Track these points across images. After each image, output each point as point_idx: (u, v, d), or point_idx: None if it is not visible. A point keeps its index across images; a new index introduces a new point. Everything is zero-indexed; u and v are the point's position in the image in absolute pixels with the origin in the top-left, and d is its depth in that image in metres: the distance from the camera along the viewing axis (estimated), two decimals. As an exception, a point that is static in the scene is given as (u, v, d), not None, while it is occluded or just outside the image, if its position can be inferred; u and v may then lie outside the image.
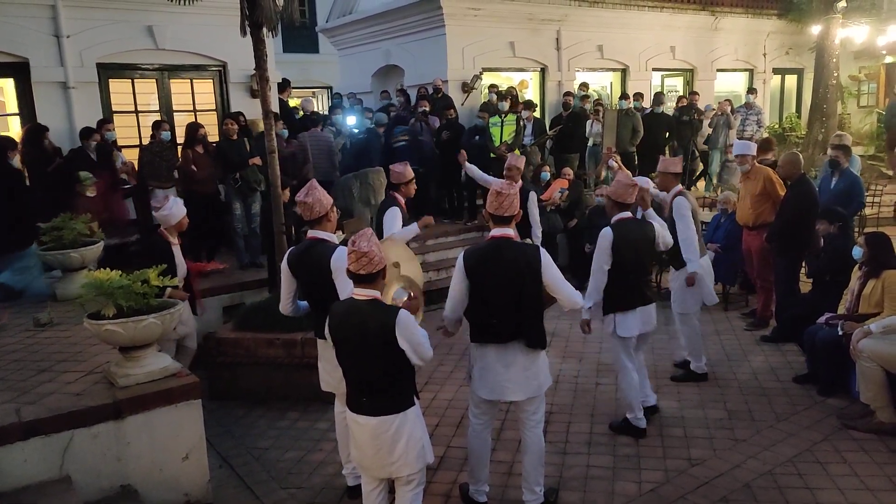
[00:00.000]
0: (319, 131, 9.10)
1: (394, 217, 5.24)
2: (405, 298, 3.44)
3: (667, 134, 11.34)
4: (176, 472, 3.83)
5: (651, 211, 4.85)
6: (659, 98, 11.43)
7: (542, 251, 3.56)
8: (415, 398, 3.15)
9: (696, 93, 12.30)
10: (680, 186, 5.47)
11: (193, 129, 7.46)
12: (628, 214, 4.50)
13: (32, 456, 3.43)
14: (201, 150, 7.36)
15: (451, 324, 3.74)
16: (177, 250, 5.02)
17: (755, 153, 6.78)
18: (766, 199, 6.49)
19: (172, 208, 4.97)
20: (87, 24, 8.07)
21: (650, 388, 5.00)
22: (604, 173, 9.50)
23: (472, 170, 7.00)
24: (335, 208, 4.01)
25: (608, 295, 4.54)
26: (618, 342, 4.62)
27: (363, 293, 3.03)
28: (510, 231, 3.58)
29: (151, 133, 7.88)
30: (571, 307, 3.65)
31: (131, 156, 8.03)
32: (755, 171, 6.61)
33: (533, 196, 6.67)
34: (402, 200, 5.41)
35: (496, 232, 3.57)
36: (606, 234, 4.43)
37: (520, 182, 6.47)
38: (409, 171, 5.45)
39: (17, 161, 6.52)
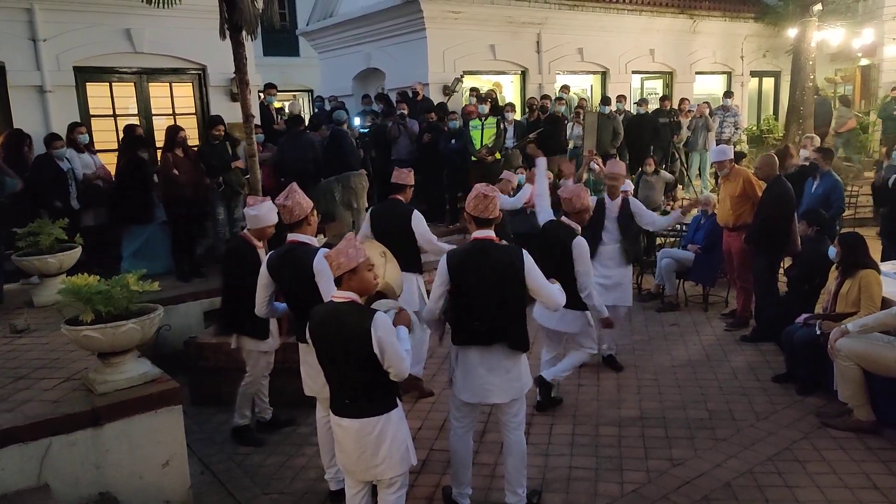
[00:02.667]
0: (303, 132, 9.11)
1: (422, 220, 5.26)
2: (395, 313, 3.40)
3: (650, 136, 11.42)
4: (156, 479, 3.79)
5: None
6: (607, 100, 11.28)
7: (525, 253, 3.58)
8: (398, 400, 3.15)
9: (668, 97, 12.43)
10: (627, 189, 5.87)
11: (173, 131, 7.35)
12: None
13: (9, 464, 3.39)
14: (181, 154, 7.29)
15: (431, 324, 3.75)
16: (263, 255, 4.54)
17: (732, 157, 6.84)
18: (745, 200, 6.57)
19: (263, 211, 4.55)
20: (63, 27, 7.95)
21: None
22: (585, 176, 9.54)
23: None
24: (315, 212, 4.01)
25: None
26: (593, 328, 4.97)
27: (342, 296, 3.03)
28: (492, 233, 3.61)
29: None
30: (555, 308, 3.68)
31: (108, 160, 7.95)
32: (734, 173, 6.69)
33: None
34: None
35: (479, 234, 3.59)
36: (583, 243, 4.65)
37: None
38: (411, 179, 5.52)
39: (146, 154, 7.55)
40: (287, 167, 8.04)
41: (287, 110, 10.95)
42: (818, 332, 4.90)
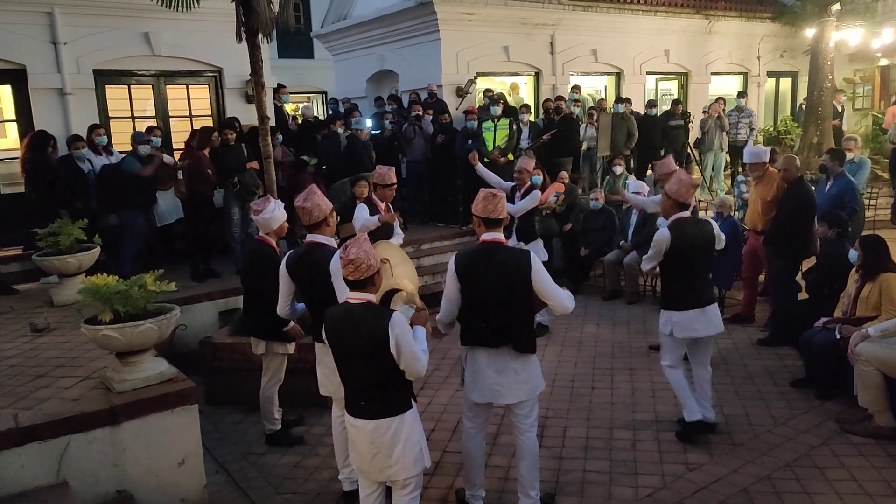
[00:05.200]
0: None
1: (360, 209, 5.57)
2: (411, 314, 3.40)
3: (661, 137, 11.37)
4: (172, 478, 3.82)
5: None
6: (621, 100, 11.27)
7: (533, 256, 3.57)
8: (412, 401, 3.15)
9: (681, 101, 12.35)
10: None
11: (208, 132, 7.48)
12: (687, 214, 4.42)
13: (29, 461, 3.43)
14: (207, 155, 7.38)
15: (444, 327, 3.76)
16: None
17: (767, 160, 6.72)
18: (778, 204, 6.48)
19: (275, 211, 4.52)
20: (83, 30, 8.08)
21: (710, 403, 4.70)
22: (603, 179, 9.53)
23: (485, 172, 6.95)
24: (334, 213, 4.02)
25: (666, 292, 4.60)
26: (670, 342, 4.57)
27: (357, 297, 3.04)
28: (500, 235, 3.60)
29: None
30: (563, 311, 3.64)
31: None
32: (768, 175, 6.56)
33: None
34: (377, 200, 5.63)
35: (487, 236, 3.59)
36: (663, 236, 4.38)
37: (528, 183, 6.63)
38: (391, 177, 5.62)
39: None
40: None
41: (300, 113, 11.00)
42: (838, 337, 4.83)
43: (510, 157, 9.31)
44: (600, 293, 8.30)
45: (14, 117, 8.12)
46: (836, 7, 12.81)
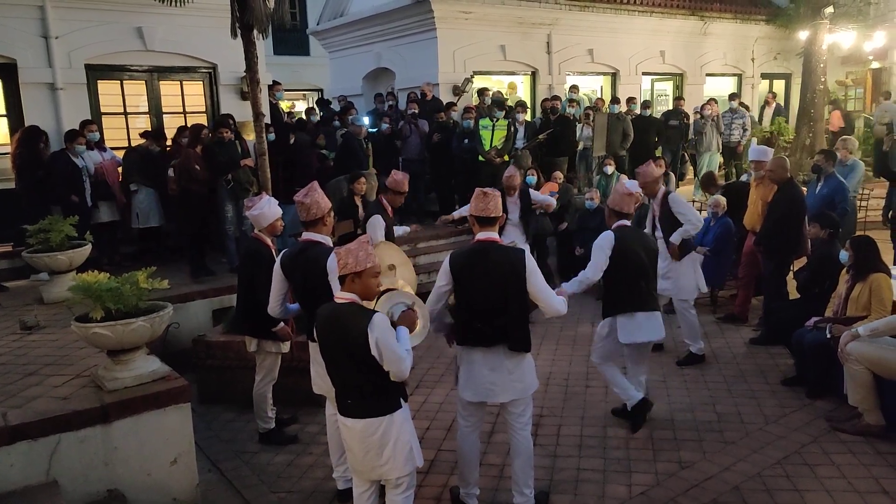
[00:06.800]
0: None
1: (375, 226, 5.49)
2: (401, 311, 3.38)
3: (656, 138, 11.40)
4: (164, 477, 3.80)
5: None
6: (617, 100, 11.35)
7: (528, 256, 3.57)
8: (402, 401, 3.14)
9: (682, 98, 12.39)
10: (665, 188, 5.82)
11: (198, 129, 7.47)
12: (627, 223, 4.55)
13: (19, 460, 3.41)
14: (199, 151, 7.35)
15: (434, 325, 3.74)
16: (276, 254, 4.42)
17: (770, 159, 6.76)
18: None
19: (265, 207, 4.48)
20: (75, 24, 8.02)
21: (643, 388, 4.86)
22: (596, 178, 9.53)
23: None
24: (332, 213, 4.01)
25: (609, 297, 4.57)
26: (603, 342, 4.64)
27: (343, 296, 3.04)
28: (495, 234, 3.60)
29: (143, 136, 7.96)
30: (553, 315, 3.67)
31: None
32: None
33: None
34: (386, 203, 5.67)
35: (482, 235, 3.59)
36: (607, 238, 4.44)
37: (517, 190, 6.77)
38: (405, 186, 5.70)
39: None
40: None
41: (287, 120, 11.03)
42: (828, 336, 4.86)
43: (506, 157, 9.31)
44: (595, 292, 8.31)
45: (4, 112, 8.05)
46: (829, 10, 12.88)
